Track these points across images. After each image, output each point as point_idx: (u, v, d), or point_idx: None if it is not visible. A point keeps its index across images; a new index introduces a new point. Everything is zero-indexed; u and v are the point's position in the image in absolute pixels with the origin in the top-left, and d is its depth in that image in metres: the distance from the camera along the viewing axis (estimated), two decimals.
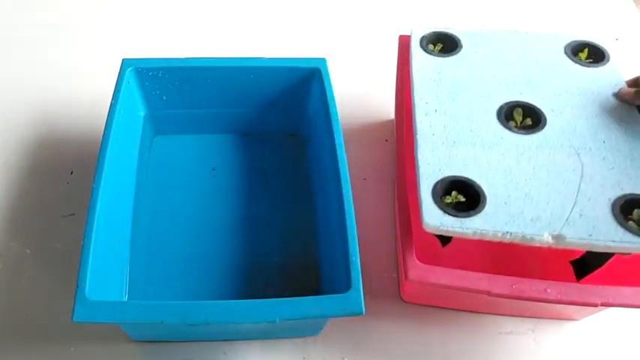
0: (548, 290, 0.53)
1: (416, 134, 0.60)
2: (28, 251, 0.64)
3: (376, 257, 0.65)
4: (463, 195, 0.55)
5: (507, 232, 0.52)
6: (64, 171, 0.71)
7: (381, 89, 0.80)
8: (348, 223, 0.53)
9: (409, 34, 0.73)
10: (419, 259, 0.55)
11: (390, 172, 0.73)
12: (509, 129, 0.60)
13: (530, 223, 0.53)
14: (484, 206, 0.54)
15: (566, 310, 0.61)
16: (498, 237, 0.52)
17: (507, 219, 0.53)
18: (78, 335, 0.58)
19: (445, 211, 0.54)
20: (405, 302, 0.63)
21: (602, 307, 0.55)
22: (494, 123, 0.61)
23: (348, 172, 0.56)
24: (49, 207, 0.68)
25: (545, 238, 0.52)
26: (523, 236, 0.52)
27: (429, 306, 0.63)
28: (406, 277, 0.55)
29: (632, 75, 0.65)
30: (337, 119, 0.61)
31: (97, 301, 0.48)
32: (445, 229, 0.53)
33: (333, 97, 0.63)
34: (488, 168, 0.57)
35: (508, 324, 0.62)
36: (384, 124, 0.79)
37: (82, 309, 0.47)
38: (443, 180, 0.56)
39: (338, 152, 0.58)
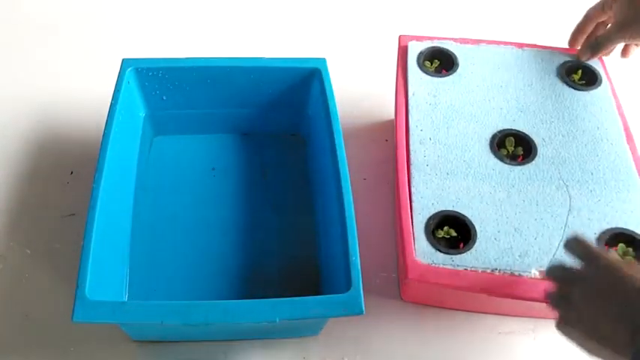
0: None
1: (410, 164, 0.61)
2: (28, 251, 0.64)
3: (376, 257, 0.65)
4: (455, 229, 0.58)
5: (496, 269, 0.55)
6: (64, 171, 0.71)
7: (381, 89, 0.80)
8: (348, 223, 0.53)
9: (409, 34, 0.73)
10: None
11: (390, 172, 0.73)
12: (501, 159, 0.62)
13: (519, 259, 0.55)
14: (475, 242, 0.56)
15: None
16: (488, 273, 0.55)
17: (497, 255, 0.56)
18: (78, 335, 0.58)
19: (437, 248, 0.56)
20: (405, 302, 0.63)
21: None
22: (486, 153, 0.63)
23: (348, 172, 0.57)
24: (49, 207, 0.68)
25: (533, 274, 0.55)
26: (512, 272, 0.55)
27: (429, 306, 0.63)
28: (406, 277, 0.55)
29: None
30: (337, 119, 0.61)
31: (97, 301, 0.48)
32: (436, 265, 0.55)
33: (333, 97, 0.63)
34: (479, 201, 0.59)
35: (508, 324, 0.62)
36: (384, 124, 0.79)
37: (82, 309, 0.47)
38: (435, 215, 0.58)
39: (338, 152, 0.58)
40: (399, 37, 0.72)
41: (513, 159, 0.63)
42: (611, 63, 0.72)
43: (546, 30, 0.94)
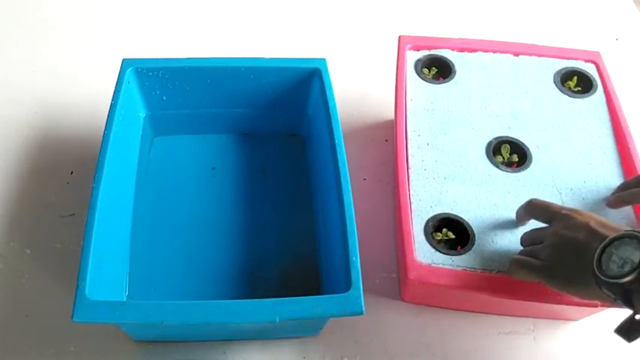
0: (549, 290, 0.53)
1: (409, 168, 0.62)
2: (28, 251, 0.64)
3: (376, 257, 0.65)
4: (453, 232, 0.58)
5: (494, 270, 0.55)
6: (64, 171, 0.71)
7: (381, 89, 0.80)
8: (348, 223, 0.53)
9: (409, 34, 0.73)
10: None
11: (390, 172, 0.73)
12: (497, 166, 0.63)
13: None
14: (473, 244, 0.57)
15: (565, 311, 0.61)
16: (487, 273, 0.55)
17: (495, 256, 0.56)
18: (78, 335, 0.58)
19: (436, 249, 0.57)
20: (405, 302, 0.63)
21: (602, 308, 0.55)
22: (483, 159, 0.64)
23: (348, 172, 0.57)
24: (49, 207, 0.68)
25: None
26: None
27: (429, 306, 0.63)
28: (406, 277, 0.55)
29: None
30: (337, 119, 0.61)
31: (97, 301, 0.48)
32: (436, 265, 0.55)
33: (333, 97, 0.63)
34: (477, 205, 0.60)
35: (508, 324, 0.62)
36: (384, 124, 0.79)
37: (82, 309, 0.47)
38: (434, 217, 0.59)
39: (338, 152, 0.58)
40: (399, 37, 0.72)
41: (509, 165, 0.64)
42: (611, 64, 0.72)
43: (545, 30, 0.94)
